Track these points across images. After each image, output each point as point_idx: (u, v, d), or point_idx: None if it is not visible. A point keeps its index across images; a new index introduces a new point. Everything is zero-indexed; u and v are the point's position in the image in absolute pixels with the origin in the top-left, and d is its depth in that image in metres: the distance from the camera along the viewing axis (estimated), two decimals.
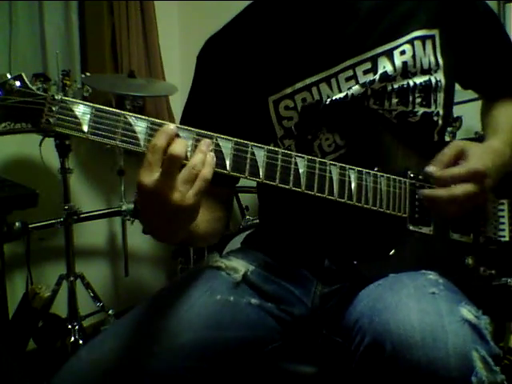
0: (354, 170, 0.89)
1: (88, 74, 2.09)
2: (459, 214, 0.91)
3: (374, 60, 0.96)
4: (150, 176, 0.71)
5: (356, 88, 0.95)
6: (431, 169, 0.91)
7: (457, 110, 1.82)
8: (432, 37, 0.98)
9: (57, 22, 2.38)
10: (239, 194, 2.31)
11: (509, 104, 1.09)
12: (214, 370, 0.86)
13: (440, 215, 0.94)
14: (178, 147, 0.72)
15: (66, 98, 0.73)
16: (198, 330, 0.86)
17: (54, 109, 0.72)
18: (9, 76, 0.72)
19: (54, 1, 2.35)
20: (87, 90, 1.88)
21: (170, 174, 0.71)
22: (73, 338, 1.92)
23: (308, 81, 0.97)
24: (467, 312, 0.73)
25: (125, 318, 0.91)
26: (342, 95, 0.95)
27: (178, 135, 0.75)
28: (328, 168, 0.86)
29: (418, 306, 0.73)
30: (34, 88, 0.73)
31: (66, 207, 1.97)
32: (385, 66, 0.95)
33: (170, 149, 0.71)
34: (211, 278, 0.97)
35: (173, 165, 0.71)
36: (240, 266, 1.00)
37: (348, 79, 0.96)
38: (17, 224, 1.79)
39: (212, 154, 0.76)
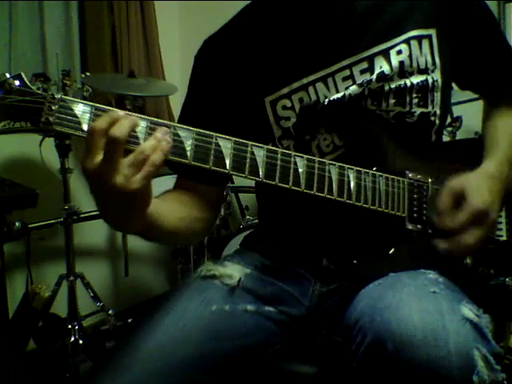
0: (352, 169, 0.89)
1: (88, 73, 2.09)
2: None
3: (371, 60, 0.96)
4: (92, 159, 0.69)
5: (353, 88, 0.95)
6: (436, 221, 0.93)
7: (457, 110, 1.83)
8: (429, 36, 0.98)
9: (57, 22, 2.38)
10: (239, 194, 2.31)
11: (507, 113, 1.08)
12: (215, 381, 0.86)
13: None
14: (118, 129, 0.69)
15: (66, 97, 0.72)
16: (196, 344, 0.86)
17: (53, 108, 0.71)
18: (8, 75, 0.71)
19: (54, 1, 2.35)
20: (87, 89, 1.88)
21: (111, 157, 0.69)
22: (73, 338, 1.92)
23: (305, 80, 0.97)
24: (468, 311, 0.74)
25: (122, 339, 0.90)
26: (339, 95, 0.95)
27: (125, 119, 0.71)
28: (327, 168, 0.86)
29: (419, 305, 0.73)
30: (33, 87, 0.72)
31: (66, 207, 1.97)
32: (381, 65, 0.95)
33: (110, 131, 0.69)
34: (206, 289, 0.95)
35: (113, 147, 0.69)
36: (235, 272, 0.98)
37: (345, 79, 0.96)
38: (17, 224, 1.78)
39: (169, 139, 0.74)
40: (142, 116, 0.75)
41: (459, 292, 0.83)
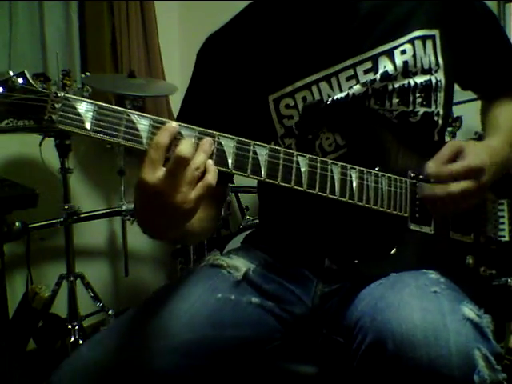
0: (355, 169, 0.89)
1: (88, 73, 2.09)
2: (458, 211, 0.93)
3: (375, 59, 0.96)
4: (153, 174, 0.71)
5: (357, 87, 0.95)
6: (429, 167, 0.92)
7: (457, 110, 1.83)
8: (432, 37, 0.98)
9: (57, 22, 2.39)
10: (239, 194, 2.31)
11: (508, 103, 1.09)
12: (215, 367, 0.86)
13: (439, 213, 0.94)
14: (186, 148, 0.71)
15: (69, 96, 0.72)
16: (199, 329, 0.86)
17: (56, 106, 0.71)
18: (11, 73, 0.71)
19: (54, 1, 2.35)
20: (87, 89, 1.88)
21: (175, 175, 0.71)
22: (73, 338, 1.92)
23: (308, 79, 0.97)
24: (469, 311, 0.74)
25: (126, 315, 0.91)
26: (343, 95, 0.95)
27: (180, 134, 0.74)
28: (329, 167, 0.86)
29: (420, 304, 0.73)
30: (36, 85, 0.72)
31: (66, 207, 1.96)
32: (385, 65, 0.95)
33: (178, 149, 0.71)
34: (212, 277, 0.96)
35: (179, 166, 0.71)
36: (241, 265, 1.00)
37: (349, 78, 0.96)
38: (17, 224, 1.78)
39: (211, 162, 0.76)
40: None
41: (460, 292, 0.82)
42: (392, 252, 0.91)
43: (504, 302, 0.98)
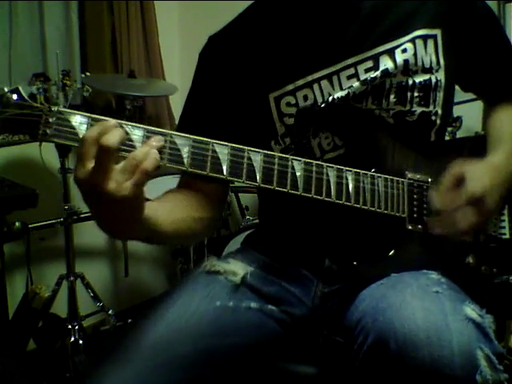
0: (350, 171, 0.88)
1: (88, 73, 2.10)
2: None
3: (376, 59, 0.96)
4: (84, 168, 0.69)
5: (356, 85, 0.95)
6: (434, 201, 0.93)
7: (457, 110, 1.82)
8: (434, 36, 0.98)
9: (57, 22, 2.38)
10: (239, 194, 2.31)
11: (509, 110, 1.09)
12: (217, 376, 0.85)
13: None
14: (111, 138, 0.68)
15: (63, 109, 0.73)
16: (199, 340, 0.85)
17: (51, 120, 0.72)
18: (6, 89, 0.72)
19: (54, 1, 2.35)
20: (87, 89, 1.88)
21: (102, 165, 0.68)
22: (73, 338, 1.92)
23: (310, 78, 0.97)
24: (471, 311, 0.74)
25: (125, 331, 0.90)
26: (343, 93, 0.95)
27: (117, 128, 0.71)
28: (325, 170, 0.86)
29: (422, 304, 0.73)
30: (30, 100, 0.72)
31: (66, 207, 1.96)
32: (386, 63, 0.95)
33: (102, 139, 0.68)
34: (210, 284, 0.95)
35: (104, 156, 0.68)
36: (239, 269, 0.98)
37: (349, 77, 0.96)
38: (17, 224, 1.78)
39: (156, 151, 0.73)
40: (139, 125, 0.75)
41: (462, 292, 0.83)
42: (390, 253, 0.91)
43: (506, 299, 0.98)
